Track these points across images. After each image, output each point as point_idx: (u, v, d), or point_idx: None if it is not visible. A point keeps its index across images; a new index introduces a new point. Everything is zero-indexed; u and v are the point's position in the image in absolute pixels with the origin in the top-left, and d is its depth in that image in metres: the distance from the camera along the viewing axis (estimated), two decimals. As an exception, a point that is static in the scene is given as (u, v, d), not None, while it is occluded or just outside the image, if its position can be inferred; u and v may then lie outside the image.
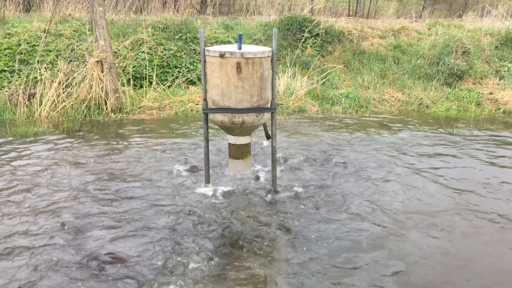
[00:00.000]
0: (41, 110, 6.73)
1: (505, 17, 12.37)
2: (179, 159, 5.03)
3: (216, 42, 9.07)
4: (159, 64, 8.27)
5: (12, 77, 7.35)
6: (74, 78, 7.01)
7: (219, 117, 3.87)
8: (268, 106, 3.94)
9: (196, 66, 8.58)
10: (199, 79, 8.32)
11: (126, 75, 7.78)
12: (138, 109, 7.23)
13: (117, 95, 7.02)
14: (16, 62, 7.57)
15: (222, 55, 3.61)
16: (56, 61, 7.55)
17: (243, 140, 4.10)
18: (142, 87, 7.92)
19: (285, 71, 8.42)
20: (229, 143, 4.17)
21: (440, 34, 10.05)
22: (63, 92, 6.89)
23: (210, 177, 4.31)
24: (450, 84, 8.95)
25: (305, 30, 9.56)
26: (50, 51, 7.87)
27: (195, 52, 8.82)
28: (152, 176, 4.53)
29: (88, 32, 8.49)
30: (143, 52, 8.24)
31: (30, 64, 7.56)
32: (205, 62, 3.85)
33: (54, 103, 6.81)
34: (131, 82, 7.71)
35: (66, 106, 6.80)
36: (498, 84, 9.08)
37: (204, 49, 3.79)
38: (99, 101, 6.91)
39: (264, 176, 4.49)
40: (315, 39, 9.64)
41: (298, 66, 8.82)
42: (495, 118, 7.58)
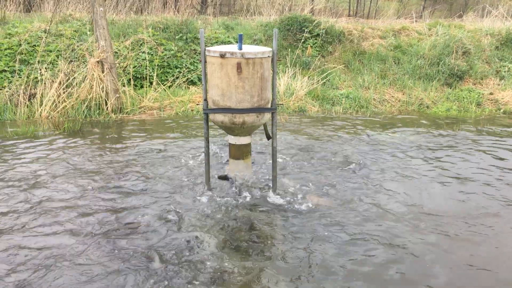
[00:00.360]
0: (41, 110, 6.74)
1: (505, 17, 12.37)
2: (179, 158, 5.03)
3: (216, 42, 9.07)
4: (159, 64, 8.27)
5: (13, 77, 7.35)
6: (74, 78, 7.01)
7: (220, 117, 3.87)
8: (269, 106, 3.94)
9: (196, 66, 8.59)
10: (200, 79, 8.32)
11: (126, 75, 7.78)
12: (138, 109, 7.23)
13: (117, 95, 7.03)
14: (17, 62, 7.57)
15: (222, 55, 3.61)
16: (57, 61, 7.56)
17: (243, 140, 4.10)
18: (142, 87, 7.92)
19: (285, 72, 8.42)
20: (229, 144, 4.17)
21: (440, 35, 10.05)
22: (64, 92, 6.89)
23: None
24: (451, 85, 8.95)
25: (305, 30, 9.56)
26: (51, 51, 7.87)
27: (196, 52, 8.82)
28: (152, 175, 4.53)
29: (88, 32, 8.50)
30: (143, 52, 8.24)
31: (31, 64, 7.56)
32: (205, 62, 3.85)
33: (55, 103, 6.81)
34: (132, 82, 7.71)
35: (66, 106, 6.80)
36: (499, 85, 9.08)
37: (205, 49, 3.79)
38: (99, 101, 6.91)
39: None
40: (316, 39, 9.64)
41: (299, 66, 8.82)
42: (495, 119, 7.58)
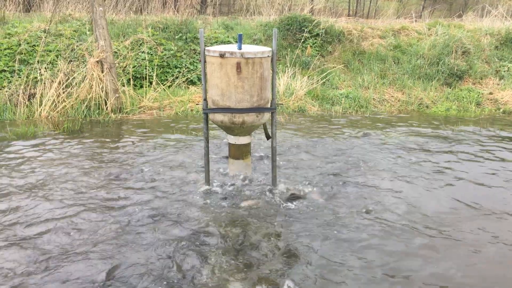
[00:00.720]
0: (41, 110, 6.73)
1: (505, 17, 12.38)
2: (179, 158, 5.03)
3: (216, 42, 9.07)
4: (159, 64, 8.27)
5: (12, 77, 7.35)
6: (74, 78, 7.01)
7: (219, 117, 3.87)
8: (268, 106, 3.94)
9: (196, 66, 8.59)
10: (199, 79, 8.32)
11: (126, 75, 7.78)
12: (138, 109, 7.23)
13: (117, 95, 7.02)
14: (16, 62, 7.57)
15: (222, 55, 3.61)
16: (56, 61, 7.55)
17: (243, 140, 4.10)
18: (142, 87, 7.92)
19: (285, 71, 8.42)
20: (229, 143, 4.17)
21: (440, 34, 10.06)
22: (63, 92, 6.89)
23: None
24: (450, 84, 8.96)
25: (305, 30, 9.56)
26: (50, 51, 7.87)
27: (195, 52, 8.82)
28: (152, 175, 4.53)
29: (88, 32, 8.49)
30: (143, 52, 8.24)
31: (30, 64, 7.56)
32: (205, 62, 3.85)
33: (54, 103, 6.81)
34: (131, 82, 7.71)
35: (66, 106, 6.80)
36: (498, 84, 9.08)
37: (204, 49, 3.79)
38: (99, 101, 6.91)
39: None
40: (315, 39, 9.64)
41: (298, 66, 8.82)
42: (495, 118, 7.58)
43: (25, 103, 6.81)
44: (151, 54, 8.34)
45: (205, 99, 3.93)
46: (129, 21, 9.74)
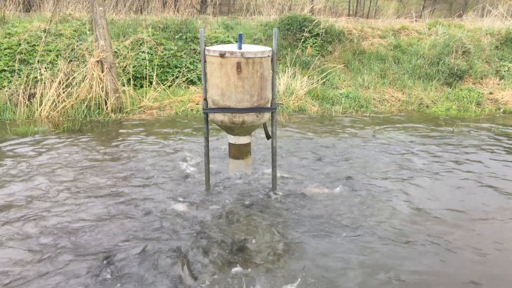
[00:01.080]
0: (41, 110, 6.73)
1: (505, 17, 12.37)
2: (179, 158, 5.03)
3: (216, 42, 9.07)
4: (159, 64, 8.27)
5: (12, 77, 7.35)
6: (74, 78, 7.01)
7: (219, 116, 3.86)
8: (268, 106, 3.93)
9: (196, 66, 8.58)
10: (199, 79, 8.32)
11: (126, 75, 7.78)
12: (138, 109, 7.23)
13: (117, 95, 7.02)
14: (16, 62, 7.57)
15: (222, 55, 3.61)
16: (56, 61, 7.55)
17: (243, 140, 4.10)
18: (142, 87, 7.92)
19: (285, 71, 8.42)
20: (229, 143, 4.17)
21: (440, 34, 10.05)
22: (63, 92, 6.89)
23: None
24: (450, 84, 8.95)
25: (305, 30, 9.55)
26: (50, 51, 7.87)
27: (195, 52, 8.82)
28: (152, 174, 4.53)
29: (88, 32, 8.49)
30: (143, 52, 8.24)
31: (30, 64, 7.56)
32: (205, 62, 3.84)
33: (54, 103, 6.81)
34: (131, 82, 7.71)
35: (66, 106, 6.80)
36: (498, 84, 9.08)
37: (204, 48, 3.79)
38: (99, 101, 6.91)
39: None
40: (315, 39, 9.64)
41: (298, 66, 8.82)
42: (495, 118, 7.58)
43: (25, 103, 6.81)
44: (151, 54, 8.34)
45: (205, 99, 3.93)
46: (129, 21, 9.74)
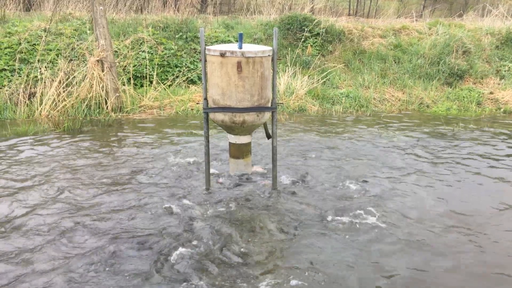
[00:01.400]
0: (41, 109, 6.73)
1: (505, 16, 12.36)
2: (179, 157, 5.02)
3: (216, 41, 9.07)
4: (159, 63, 8.26)
5: (13, 76, 7.35)
6: (74, 77, 7.01)
7: (220, 116, 3.86)
8: (269, 105, 3.93)
9: (196, 66, 8.58)
10: (200, 78, 8.32)
11: (126, 74, 7.78)
12: (138, 108, 7.23)
13: (117, 94, 7.02)
14: (17, 61, 7.56)
15: (222, 54, 3.61)
16: (57, 60, 7.55)
17: (243, 139, 4.09)
18: (142, 86, 7.92)
19: (285, 71, 8.41)
20: (229, 143, 4.17)
21: (440, 34, 10.04)
22: (64, 91, 6.88)
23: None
24: (451, 84, 8.95)
25: (305, 29, 9.55)
26: (51, 50, 7.86)
27: (196, 51, 8.82)
28: (152, 174, 4.53)
29: (88, 31, 8.49)
30: (143, 51, 8.23)
31: (31, 63, 7.56)
32: (205, 61, 3.84)
33: (55, 102, 6.80)
34: (132, 81, 7.71)
35: (66, 105, 6.80)
36: (499, 84, 9.08)
37: (205, 48, 3.79)
38: (99, 100, 6.90)
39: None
40: (316, 38, 9.63)
41: (299, 65, 8.81)
42: (496, 118, 7.58)
43: (25, 102, 6.81)
44: (152, 53, 8.34)
45: (205, 99, 3.92)
46: (129, 20, 9.73)
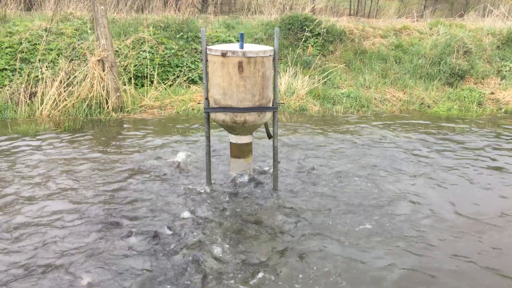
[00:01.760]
0: (42, 109, 6.73)
1: (506, 17, 12.35)
2: (180, 156, 5.01)
3: (217, 41, 9.06)
4: (160, 63, 8.26)
5: (14, 75, 7.35)
6: (75, 77, 7.00)
7: (221, 116, 3.86)
8: (270, 105, 3.93)
9: (197, 65, 8.58)
10: (200, 78, 8.31)
11: (127, 74, 7.78)
12: (139, 108, 7.22)
13: (118, 94, 7.02)
14: (18, 60, 7.56)
15: (224, 54, 3.61)
16: (57, 60, 7.55)
17: (244, 139, 4.10)
18: (143, 86, 7.91)
19: (286, 71, 8.41)
20: (230, 143, 4.17)
21: (441, 34, 10.03)
22: (64, 91, 6.88)
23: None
24: (452, 84, 8.94)
25: (306, 29, 9.54)
26: (51, 50, 7.86)
27: (197, 51, 8.81)
28: (153, 173, 4.53)
29: (89, 31, 8.48)
30: (144, 51, 8.23)
31: (32, 63, 7.56)
32: (206, 61, 3.84)
33: (55, 102, 6.80)
34: (133, 81, 7.71)
35: (67, 105, 6.80)
36: (500, 84, 9.07)
37: (206, 48, 3.78)
38: (100, 100, 6.90)
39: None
40: (317, 38, 9.63)
41: (300, 65, 8.80)
42: (496, 118, 7.57)
43: (26, 101, 6.81)
44: (152, 53, 8.34)
45: (206, 98, 3.92)
46: (130, 20, 9.73)
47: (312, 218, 3.70)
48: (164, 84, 7.89)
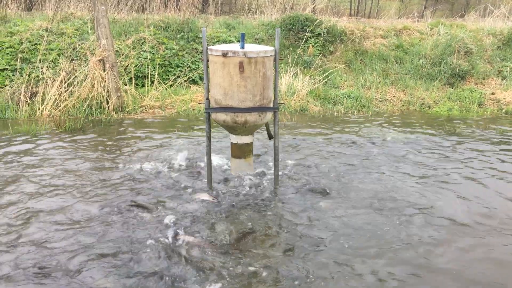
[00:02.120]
0: (43, 109, 6.73)
1: (507, 17, 12.34)
2: (180, 156, 5.02)
3: (218, 41, 9.06)
4: (161, 63, 8.26)
5: (14, 75, 7.35)
6: (76, 77, 7.01)
7: (222, 116, 3.86)
8: (271, 105, 3.93)
9: (198, 65, 8.58)
10: (201, 78, 8.32)
11: (128, 74, 7.78)
12: (140, 108, 7.23)
13: (119, 94, 7.02)
14: (18, 60, 7.57)
15: (224, 54, 3.60)
16: (58, 60, 7.55)
17: (245, 139, 4.09)
18: (144, 86, 7.92)
19: (287, 71, 8.41)
20: (231, 143, 4.16)
21: (442, 34, 10.03)
22: (65, 91, 6.89)
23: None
24: (452, 84, 8.94)
25: (307, 29, 9.54)
26: (52, 50, 7.87)
27: (197, 51, 8.82)
28: (153, 173, 4.53)
29: (90, 31, 8.49)
30: (145, 51, 8.23)
31: (32, 63, 7.56)
32: (207, 61, 3.84)
33: (56, 102, 6.81)
34: (133, 81, 7.71)
35: (68, 105, 6.80)
36: (500, 84, 9.07)
37: (207, 48, 3.78)
38: (101, 100, 6.90)
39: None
40: (317, 38, 9.63)
41: (300, 65, 8.80)
42: (497, 118, 7.57)
43: (27, 101, 6.81)
44: (153, 53, 8.34)
45: (207, 98, 3.92)
46: (131, 20, 9.73)
47: (313, 218, 3.70)
48: (165, 84, 7.89)
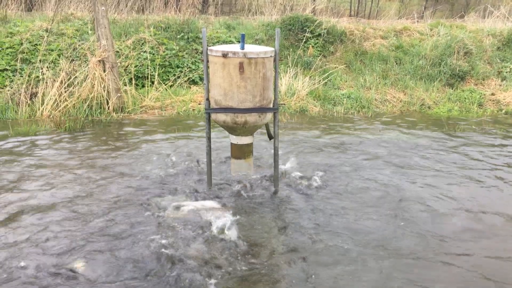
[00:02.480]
0: (43, 109, 6.74)
1: (507, 18, 12.35)
2: (181, 156, 5.02)
3: (218, 42, 9.07)
4: (161, 63, 8.27)
5: (14, 76, 7.35)
6: (76, 77, 7.01)
7: (222, 117, 3.86)
8: (271, 106, 3.93)
9: (198, 66, 8.58)
10: (201, 79, 8.32)
11: (128, 75, 7.78)
12: (140, 108, 7.23)
13: (119, 94, 7.02)
14: (18, 61, 7.57)
15: (224, 55, 3.61)
16: (58, 60, 7.56)
17: (245, 140, 4.09)
18: (144, 86, 7.92)
19: (287, 71, 8.41)
20: (231, 143, 4.17)
21: (442, 35, 10.04)
22: (65, 92, 6.89)
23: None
24: (452, 85, 8.94)
25: (307, 30, 9.55)
26: (52, 50, 7.87)
27: (197, 51, 8.82)
28: (154, 173, 4.53)
29: (90, 32, 8.49)
30: (145, 51, 8.24)
31: (32, 63, 7.56)
32: (207, 61, 3.84)
33: (56, 103, 6.81)
34: (133, 82, 7.71)
35: (68, 105, 6.80)
36: (500, 85, 9.07)
37: (207, 48, 3.79)
38: (101, 100, 6.91)
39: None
40: (317, 39, 9.63)
41: (300, 66, 8.80)
42: (497, 119, 7.57)
43: (27, 102, 6.81)
44: (153, 54, 8.34)
45: (207, 99, 3.93)
46: (131, 20, 9.74)
47: (313, 217, 3.70)
48: (165, 85, 7.90)
